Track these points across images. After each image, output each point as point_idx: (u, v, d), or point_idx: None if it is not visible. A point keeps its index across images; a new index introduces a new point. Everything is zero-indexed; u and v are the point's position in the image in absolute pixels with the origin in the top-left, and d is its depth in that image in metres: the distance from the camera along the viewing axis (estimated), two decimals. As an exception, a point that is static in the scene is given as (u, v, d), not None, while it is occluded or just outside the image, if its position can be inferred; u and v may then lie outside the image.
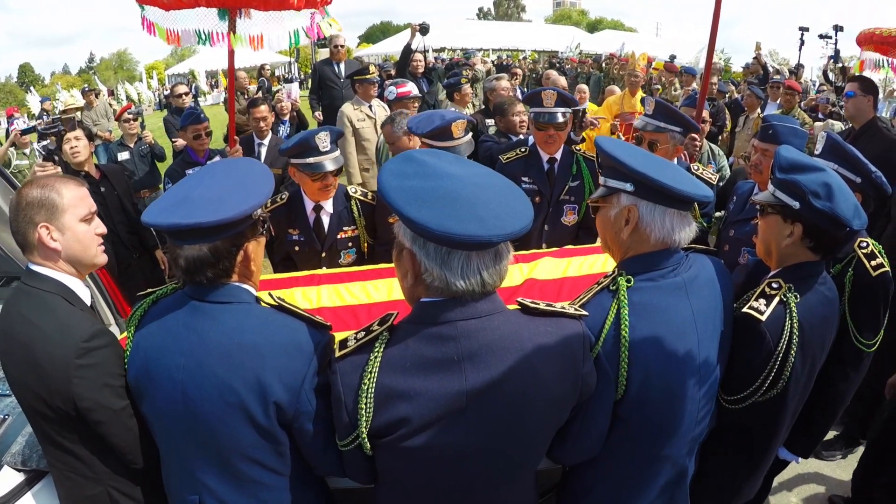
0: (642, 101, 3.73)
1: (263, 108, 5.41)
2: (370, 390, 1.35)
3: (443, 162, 1.39)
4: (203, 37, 3.89)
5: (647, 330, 1.63)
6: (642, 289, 1.67)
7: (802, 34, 19.69)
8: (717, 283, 1.81)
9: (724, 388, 1.89)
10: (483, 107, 6.43)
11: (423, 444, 1.37)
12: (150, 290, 1.77)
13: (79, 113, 9.93)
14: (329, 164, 3.06)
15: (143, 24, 3.78)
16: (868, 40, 4.85)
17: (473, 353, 1.35)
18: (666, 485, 1.79)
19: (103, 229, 1.94)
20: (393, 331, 1.43)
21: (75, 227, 1.83)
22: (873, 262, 2.33)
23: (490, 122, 5.55)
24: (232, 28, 3.85)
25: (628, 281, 1.67)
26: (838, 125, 6.89)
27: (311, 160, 3.02)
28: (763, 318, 1.83)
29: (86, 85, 16.70)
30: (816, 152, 2.57)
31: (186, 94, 7.52)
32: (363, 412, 1.35)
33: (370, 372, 1.36)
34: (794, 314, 1.85)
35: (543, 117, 3.54)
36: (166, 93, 28.36)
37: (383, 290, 2.66)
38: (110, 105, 13.17)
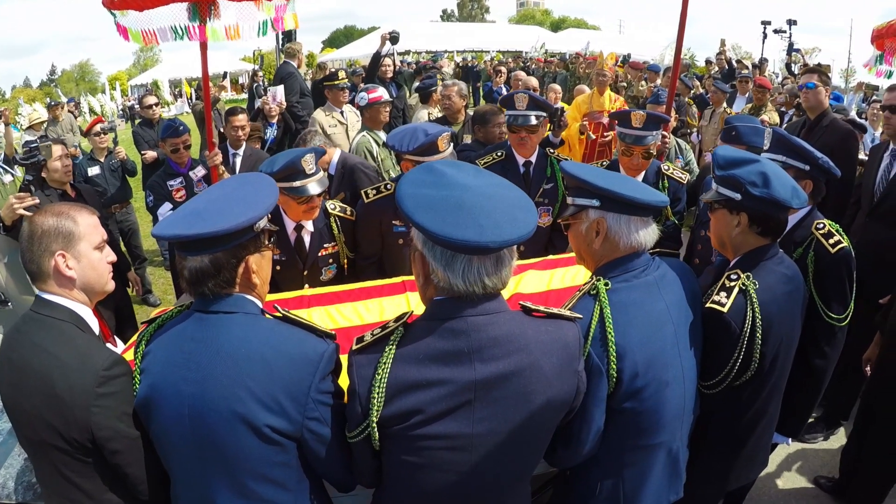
0: (619, 114, 3.68)
1: (241, 117, 5.28)
2: (383, 380, 1.44)
3: (461, 173, 1.50)
4: (179, 32, 3.79)
5: (629, 324, 1.77)
6: (619, 289, 1.82)
7: (765, 28, 20.21)
8: (683, 280, 1.98)
9: (700, 375, 2.03)
10: (441, 114, 6.05)
11: (432, 432, 1.45)
12: (154, 316, 1.77)
13: (43, 127, 9.68)
14: (314, 187, 2.99)
15: (118, 30, 3.72)
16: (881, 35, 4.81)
17: (482, 346, 1.44)
18: (663, 473, 1.93)
19: (114, 257, 1.93)
20: (408, 327, 1.53)
21: (90, 254, 1.82)
22: (831, 241, 2.47)
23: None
24: (203, 23, 3.79)
25: (606, 284, 1.81)
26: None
27: (297, 184, 2.94)
28: (725, 309, 1.99)
29: (49, 98, 16.34)
30: (764, 147, 2.71)
31: (157, 104, 7.40)
32: (375, 401, 1.44)
33: (384, 363, 1.45)
34: (755, 301, 2.00)
35: (517, 120, 3.62)
36: (129, 104, 27.80)
37: (374, 310, 2.65)
38: (75, 118, 12.84)
